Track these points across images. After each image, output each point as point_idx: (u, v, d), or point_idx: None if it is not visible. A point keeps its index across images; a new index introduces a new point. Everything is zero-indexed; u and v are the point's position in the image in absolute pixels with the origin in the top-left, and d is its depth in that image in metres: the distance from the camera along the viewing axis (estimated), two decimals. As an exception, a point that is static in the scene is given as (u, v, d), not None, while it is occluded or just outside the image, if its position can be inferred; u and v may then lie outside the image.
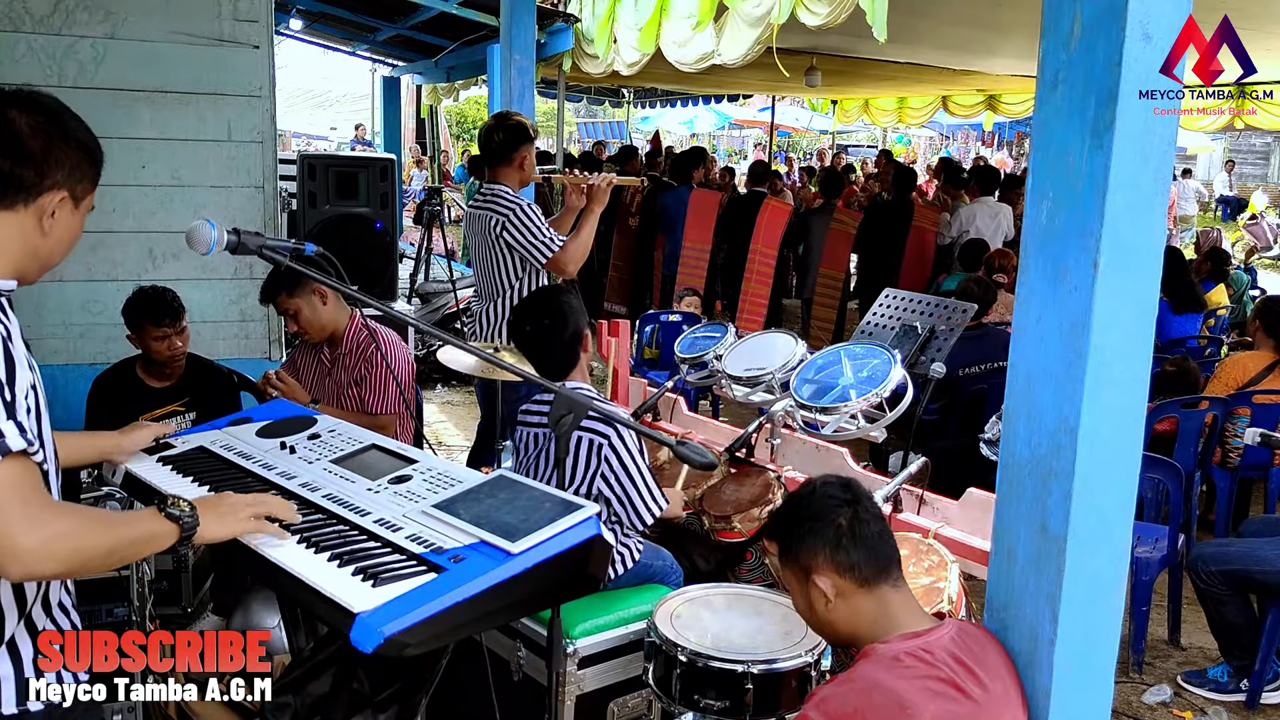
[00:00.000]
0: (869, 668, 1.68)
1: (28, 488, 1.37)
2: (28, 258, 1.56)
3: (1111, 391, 1.73)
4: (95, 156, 1.60)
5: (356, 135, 20.76)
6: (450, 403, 7.29)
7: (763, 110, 19.30)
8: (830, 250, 8.17)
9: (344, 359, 3.46)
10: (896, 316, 3.74)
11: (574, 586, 1.81)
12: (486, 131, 4.11)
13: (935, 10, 6.97)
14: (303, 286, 3.36)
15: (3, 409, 1.36)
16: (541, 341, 2.80)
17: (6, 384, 1.38)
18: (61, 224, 1.56)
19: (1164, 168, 1.69)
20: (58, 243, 1.58)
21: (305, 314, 3.39)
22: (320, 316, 3.41)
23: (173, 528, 1.57)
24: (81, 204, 1.59)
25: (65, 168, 1.54)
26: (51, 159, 1.52)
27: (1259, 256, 16.31)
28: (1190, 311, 6.49)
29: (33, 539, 1.35)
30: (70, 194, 1.56)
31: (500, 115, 4.22)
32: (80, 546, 1.42)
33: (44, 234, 1.55)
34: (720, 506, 3.09)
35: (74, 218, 1.59)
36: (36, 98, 1.55)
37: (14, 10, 3.95)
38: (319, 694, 2.27)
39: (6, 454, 1.35)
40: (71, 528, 1.41)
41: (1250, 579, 3.50)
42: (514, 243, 3.88)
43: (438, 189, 10.29)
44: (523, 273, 3.94)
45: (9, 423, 1.36)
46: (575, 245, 3.92)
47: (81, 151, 1.57)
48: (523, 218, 3.87)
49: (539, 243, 3.85)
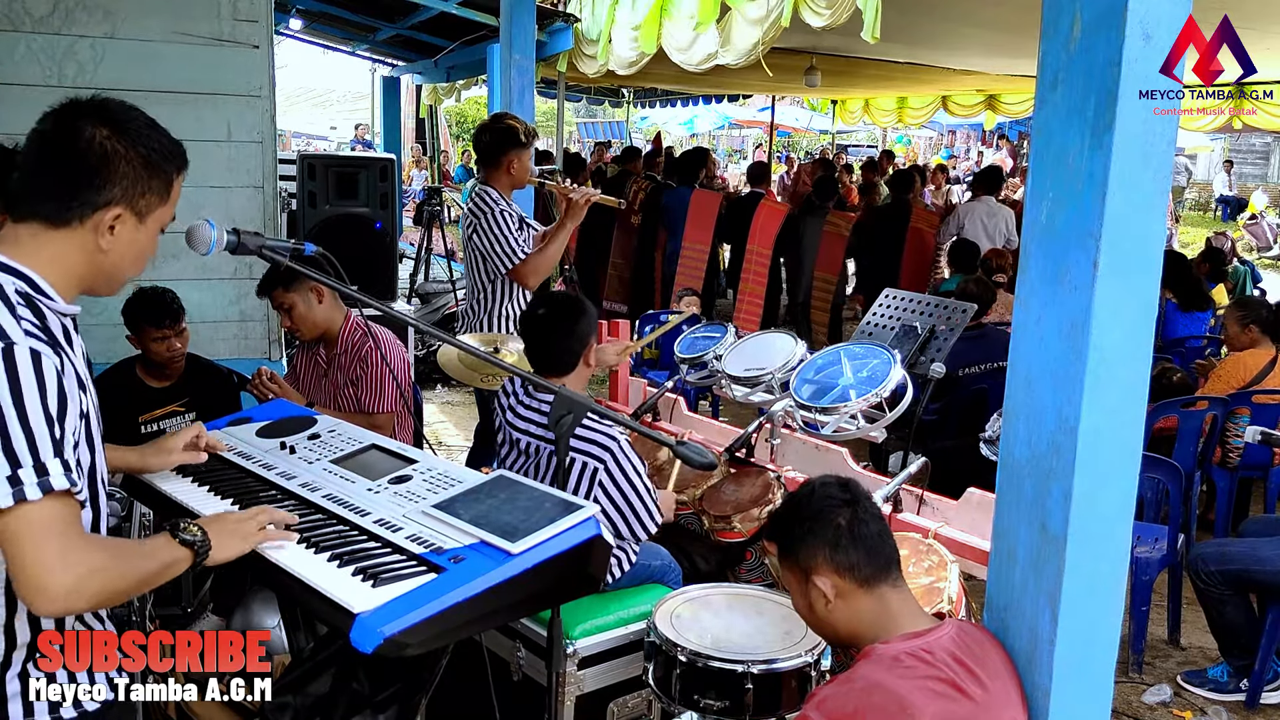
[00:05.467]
0: (869, 668, 1.68)
1: (65, 526, 1.39)
2: (91, 275, 1.54)
3: (1111, 391, 1.73)
4: (162, 167, 1.56)
5: (357, 135, 20.76)
6: (450, 403, 7.29)
7: (763, 110, 19.30)
8: (825, 253, 8.18)
9: (339, 359, 3.45)
10: (896, 316, 3.74)
11: (574, 587, 1.81)
12: (478, 132, 4.11)
13: (935, 10, 6.97)
14: (299, 282, 3.36)
15: (50, 446, 1.37)
16: (544, 332, 2.77)
17: (57, 420, 1.39)
18: (124, 240, 1.54)
19: (1164, 168, 1.69)
20: (121, 258, 1.55)
21: (300, 309, 3.39)
22: (314, 314, 3.41)
23: (187, 554, 1.58)
24: (149, 218, 1.56)
25: (122, 184, 1.51)
26: (104, 175, 1.49)
27: (1259, 256, 16.31)
28: (1196, 310, 6.48)
29: (66, 579, 1.37)
30: (130, 209, 1.53)
31: (494, 117, 4.21)
32: (108, 583, 1.43)
33: (103, 251, 1.52)
34: (720, 506, 3.09)
35: (139, 232, 1.55)
36: (106, 107, 1.52)
37: (14, 10, 3.95)
38: (319, 694, 2.27)
39: (49, 492, 1.36)
40: (102, 565, 1.42)
41: (1250, 579, 3.50)
42: (480, 246, 3.88)
43: (438, 189, 10.31)
44: (494, 275, 3.94)
45: (55, 460, 1.38)
46: (539, 258, 3.91)
47: (145, 165, 1.53)
48: (491, 223, 3.86)
49: (502, 251, 3.85)
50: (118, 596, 1.48)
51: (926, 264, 8.36)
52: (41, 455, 1.37)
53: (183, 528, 1.59)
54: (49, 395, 1.38)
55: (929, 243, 8.33)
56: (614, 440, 2.68)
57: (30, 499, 1.35)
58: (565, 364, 2.77)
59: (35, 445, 1.36)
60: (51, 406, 1.39)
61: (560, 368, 2.77)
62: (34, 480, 1.35)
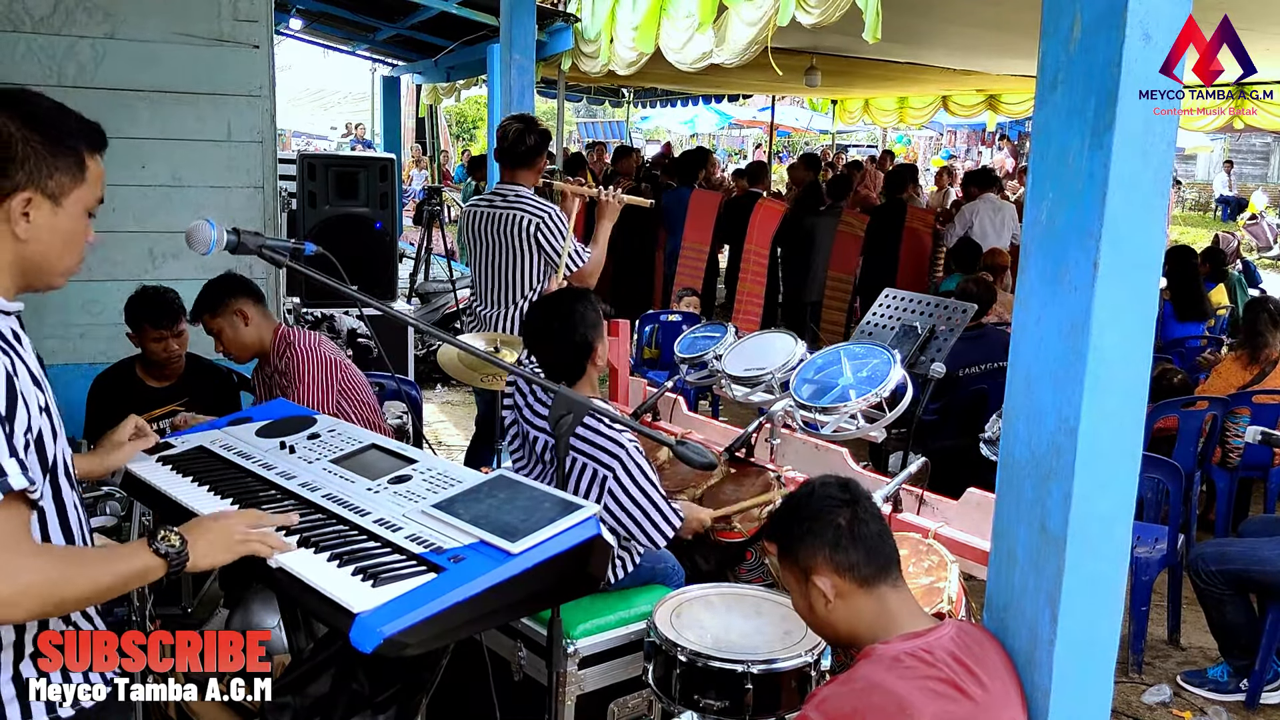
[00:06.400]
0: (869, 668, 1.68)
1: (9, 535, 1.35)
2: (21, 268, 1.50)
3: (1111, 392, 1.73)
4: (67, 144, 1.48)
5: (356, 135, 20.76)
6: (450, 403, 7.29)
7: (763, 110, 19.29)
8: (839, 253, 8.16)
9: (276, 377, 3.44)
10: (896, 316, 3.75)
11: (574, 586, 1.81)
12: (518, 134, 4.01)
13: (935, 10, 6.96)
14: (224, 308, 3.35)
15: (5, 447, 1.34)
16: (547, 342, 2.72)
17: (5, 419, 1.35)
18: (42, 226, 1.48)
19: (1164, 168, 1.69)
20: (46, 246, 1.50)
21: (227, 334, 3.39)
22: (242, 336, 3.40)
23: (159, 563, 1.54)
24: (65, 199, 1.49)
25: (25, 167, 1.45)
26: (4, 161, 1.44)
27: (1259, 256, 16.32)
28: (1193, 320, 6.47)
29: (6, 589, 1.33)
30: (39, 192, 1.47)
31: (528, 118, 4.18)
32: (54, 593, 1.39)
33: (23, 240, 1.47)
34: (720, 506, 3.09)
35: (58, 216, 1.49)
36: (8, 95, 1.48)
37: (14, 10, 3.95)
38: (319, 694, 2.27)
39: (8, 492, 1.33)
40: (47, 578, 1.38)
41: (1250, 579, 3.50)
42: (547, 247, 3.89)
43: (438, 189, 10.30)
44: (544, 277, 3.95)
45: (11, 460, 1.34)
46: (596, 258, 3.99)
47: (46, 144, 1.46)
48: (556, 224, 3.91)
49: (568, 255, 3.90)
50: (67, 606, 1.45)
51: (923, 264, 8.35)
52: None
53: (160, 536, 1.55)
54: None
55: (925, 242, 8.32)
56: (622, 447, 2.61)
57: None
58: (574, 372, 2.71)
59: None
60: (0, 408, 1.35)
61: (569, 376, 2.70)
62: None
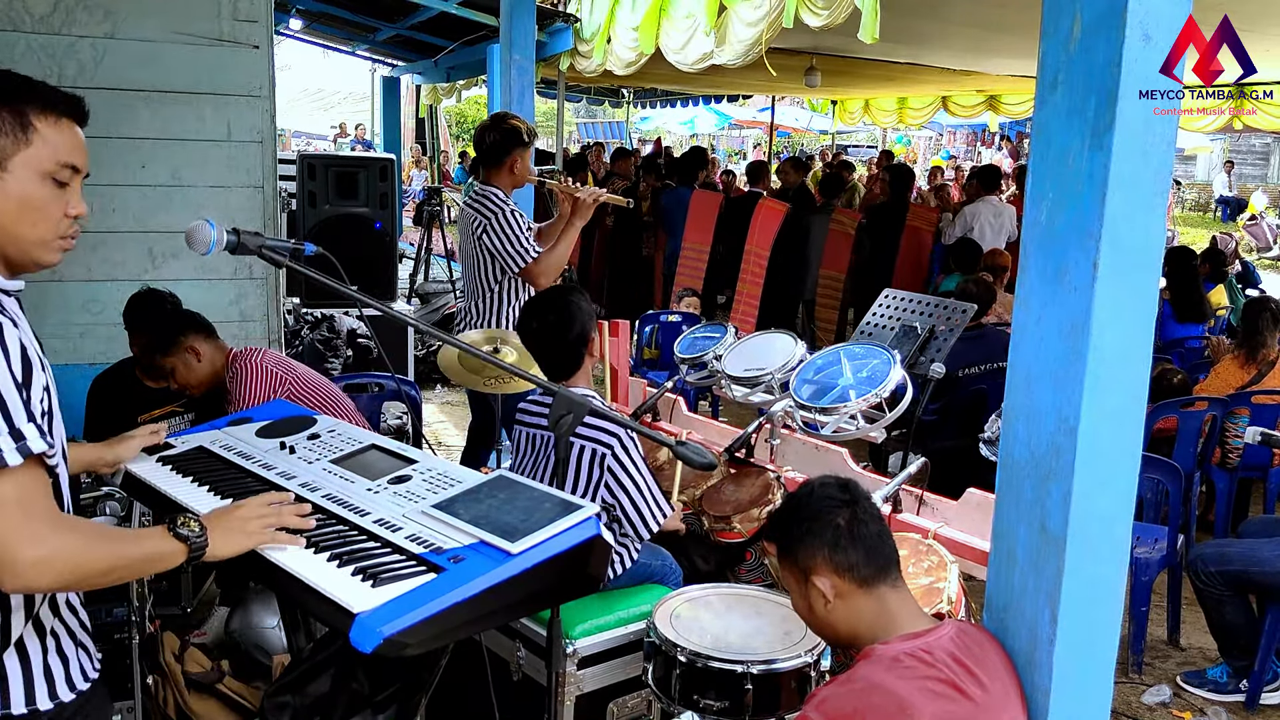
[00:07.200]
0: (869, 668, 1.68)
1: (36, 498, 1.36)
2: None
3: (1111, 392, 1.73)
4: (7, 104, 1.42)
5: (356, 135, 20.75)
6: (450, 403, 7.29)
7: (763, 110, 19.30)
8: (830, 251, 8.17)
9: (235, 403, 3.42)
10: (896, 317, 3.74)
11: (574, 586, 1.81)
12: (480, 132, 4.12)
13: (936, 10, 6.96)
14: (176, 346, 3.34)
15: (24, 411, 1.35)
16: (545, 340, 2.79)
17: (24, 386, 1.37)
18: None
19: (1164, 168, 1.69)
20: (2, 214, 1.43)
21: (180, 371, 3.38)
22: (195, 372, 3.39)
23: (180, 547, 1.56)
24: (10, 162, 1.42)
25: None
26: None
27: (1259, 257, 16.32)
28: (1193, 321, 6.46)
29: (33, 553, 1.34)
30: None
31: (497, 117, 4.22)
32: (80, 563, 1.40)
33: None
34: (720, 507, 3.09)
35: (6, 181, 1.43)
36: None
37: (14, 10, 3.95)
38: (318, 694, 2.27)
39: (29, 456, 1.34)
40: (74, 544, 1.39)
41: (1249, 579, 3.50)
42: (491, 246, 3.88)
43: (437, 189, 10.32)
44: (501, 276, 3.94)
45: (29, 425, 1.35)
46: (550, 257, 3.92)
47: None
48: (503, 222, 3.86)
49: (515, 250, 3.85)
50: (90, 580, 1.45)
51: (923, 263, 8.35)
52: (16, 421, 1.34)
53: (181, 522, 1.58)
54: (13, 362, 1.36)
55: (926, 241, 8.32)
56: (619, 428, 2.70)
57: (10, 464, 1.32)
58: (571, 366, 2.80)
59: (9, 411, 1.34)
60: (17, 373, 1.36)
61: (567, 371, 2.80)
62: (12, 446, 1.33)
